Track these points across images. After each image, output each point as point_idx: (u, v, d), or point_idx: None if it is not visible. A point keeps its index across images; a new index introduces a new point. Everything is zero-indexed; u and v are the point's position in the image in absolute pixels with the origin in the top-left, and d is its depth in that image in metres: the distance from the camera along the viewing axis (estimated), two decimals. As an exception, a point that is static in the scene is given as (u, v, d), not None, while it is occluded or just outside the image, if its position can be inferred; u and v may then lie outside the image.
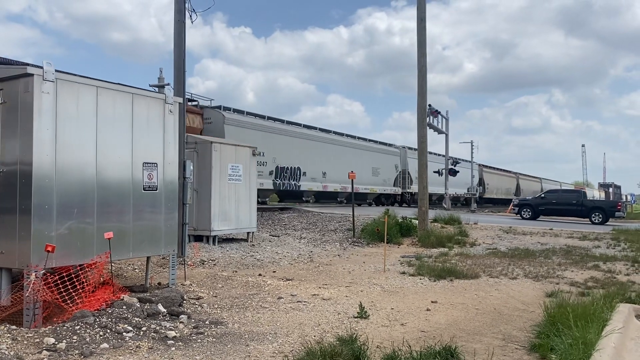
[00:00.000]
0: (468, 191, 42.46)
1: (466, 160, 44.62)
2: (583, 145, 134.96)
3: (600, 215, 27.06)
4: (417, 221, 17.73)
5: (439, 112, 34.05)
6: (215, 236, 13.33)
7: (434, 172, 38.59)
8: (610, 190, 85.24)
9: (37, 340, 5.26)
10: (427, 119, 21.20)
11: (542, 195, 30.27)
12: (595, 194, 79.74)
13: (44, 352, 4.95)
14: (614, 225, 24.82)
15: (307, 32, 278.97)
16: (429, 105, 25.94)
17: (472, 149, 45.21)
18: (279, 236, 15.83)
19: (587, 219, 27.26)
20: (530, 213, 28.58)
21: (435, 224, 19.64)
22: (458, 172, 37.67)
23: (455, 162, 38.37)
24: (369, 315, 6.92)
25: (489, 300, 8.17)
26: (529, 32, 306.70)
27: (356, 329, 6.19)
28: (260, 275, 10.09)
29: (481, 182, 50.59)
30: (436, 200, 38.86)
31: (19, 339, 5.29)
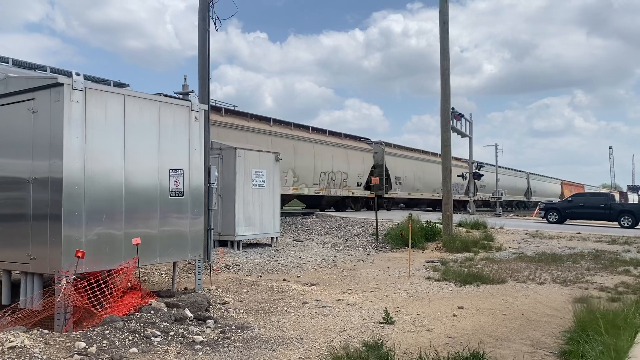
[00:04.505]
0: (493, 195, 41.96)
1: (491, 164, 44.14)
2: (610, 148, 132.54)
3: (630, 219, 26.42)
4: (441, 225, 17.58)
5: (462, 115, 33.73)
6: (239, 241, 13.42)
7: (458, 175, 38.33)
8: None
9: (69, 344, 5.36)
10: (451, 122, 21.02)
11: (569, 198, 29.70)
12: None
13: (76, 356, 5.05)
14: (644, 229, 24.26)
15: (322, 36, 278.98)
16: (452, 108, 25.74)
17: (496, 152, 44.59)
18: (302, 241, 15.86)
19: (616, 223, 26.68)
20: (556, 217, 28.08)
21: (460, 228, 19.46)
22: (482, 175, 37.26)
23: (480, 165, 37.99)
24: (394, 321, 6.88)
25: (516, 306, 8.06)
26: (549, 32, 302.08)
27: (382, 334, 6.17)
28: (284, 280, 10.12)
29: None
30: (460, 206, 38.88)
31: (51, 343, 5.39)
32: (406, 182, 32.67)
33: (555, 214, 28.31)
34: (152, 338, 5.68)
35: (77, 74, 6.44)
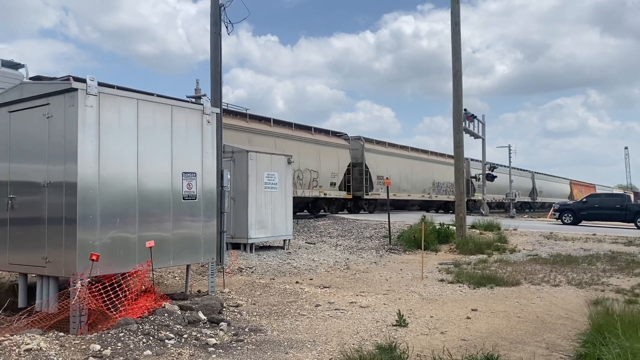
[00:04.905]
0: (507, 196, 41.69)
1: (504, 165, 43.89)
2: (626, 148, 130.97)
3: (647, 220, 26.10)
4: (454, 227, 17.49)
5: (475, 117, 33.53)
6: (252, 244, 13.46)
7: (471, 177, 38.13)
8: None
9: (84, 346, 5.41)
10: (463, 123, 20.93)
11: (584, 199, 29.41)
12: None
13: (91, 358, 5.09)
14: (661, 230, 23.93)
15: (332, 39, 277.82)
16: (465, 109, 25.63)
17: (509, 153, 44.42)
18: (314, 243, 15.87)
19: (632, 224, 26.36)
20: (571, 218, 27.82)
21: (474, 230, 19.34)
22: (496, 177, 37.04)
23: (493, 167, 37.78)
24: (407, 324, 6.86)
25: (531, 308, 7.99)
26: (561, 32, 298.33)
27: (395, 337, 6.15)
28: (297, 282, 10.13)
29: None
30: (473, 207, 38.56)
31: (67, 345, 5.44)
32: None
33: (570, 215, 28.06)
34: (166, 341, 5.70)
35: (92, 79, 6.51)
